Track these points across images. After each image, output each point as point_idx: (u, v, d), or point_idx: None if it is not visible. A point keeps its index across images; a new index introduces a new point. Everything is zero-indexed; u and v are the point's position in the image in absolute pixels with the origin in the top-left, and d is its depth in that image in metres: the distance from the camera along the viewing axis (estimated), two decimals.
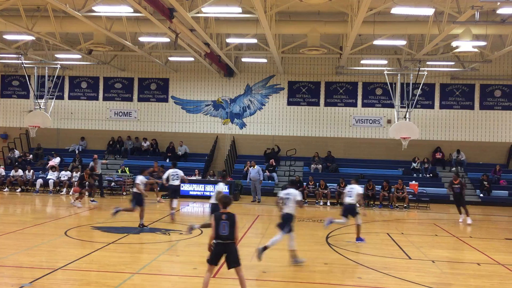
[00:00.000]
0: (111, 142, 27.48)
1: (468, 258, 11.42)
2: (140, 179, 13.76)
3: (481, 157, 25.81)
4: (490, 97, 26.12)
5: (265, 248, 9.53)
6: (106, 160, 24.75)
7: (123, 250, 10.83)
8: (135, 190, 13.64)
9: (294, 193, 9.86)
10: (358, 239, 12.33)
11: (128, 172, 23.99)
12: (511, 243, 13.71)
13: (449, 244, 13.11)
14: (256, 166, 22.10)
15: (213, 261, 7.25)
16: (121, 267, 9.29)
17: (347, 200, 12.45)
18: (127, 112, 28.18)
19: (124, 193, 22.49)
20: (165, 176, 15.95)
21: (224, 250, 7.15)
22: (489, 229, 16.56)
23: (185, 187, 21.95)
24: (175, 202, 15.66)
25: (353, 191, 12.40)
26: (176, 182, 15.58)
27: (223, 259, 7.23)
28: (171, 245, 11.58)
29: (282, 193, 10.04)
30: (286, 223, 9.76)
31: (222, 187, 12.48)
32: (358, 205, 12.59)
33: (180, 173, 15.88)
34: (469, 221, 16.31)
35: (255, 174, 21.82)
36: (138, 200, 13.49)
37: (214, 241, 7.19)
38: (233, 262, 7.21)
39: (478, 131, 26.15)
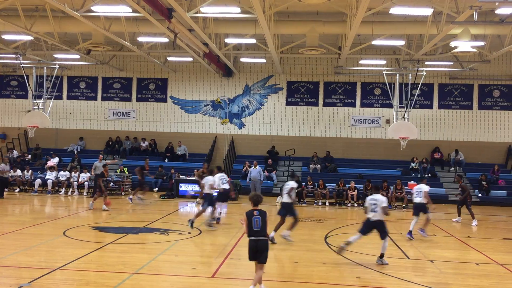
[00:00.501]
0: (110, 142, 27.46)
1: (466, 258, 11.43)
2: (211, 180, 14.14)
3: (479, 157, 25.83)
4: (488, 97, 26.15)
5: (382, 256, 10.07)
6: (110, 161, 24.72)
7: (121, 250, 10.82)
8: (207, 191, 14.04)
9: (381, 200, 10.06)
10: (421, 230, 13.45)
11: (126, 172, 23.98)
12: (510, 243, 13.75)
13: (447, 244, 13.12)
14: (257, 166, 22.01)
15: (252, 258, 7.54)
16: (120, 267, 9.28)
17: (417, 199, 13.57)
18: (125, 112, 28.16)
19: (123, 193, 22.46)
20: (216, 182, 15.69)
21: (255, 247, 7.43)
22: (487, 229, 16.55)
23: (184, 187, 22.33)
24: (222, 206, 15.57)
25: (422, 191, 13.49)
26: (226, 186, 15.34)
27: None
28: (170, 245, 11.57)
29: (368, 199, 10.29)
30: (382, 229, 10.08)
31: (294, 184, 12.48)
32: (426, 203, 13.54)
33: (226, 177, 15.66)
34: (474, 223, 16.28)
35: (256, 174, 21.76)
36: (210, 201, 13.95)
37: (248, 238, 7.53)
38: (262, 258, 7.50)
39: (476, 131, 26.18)
